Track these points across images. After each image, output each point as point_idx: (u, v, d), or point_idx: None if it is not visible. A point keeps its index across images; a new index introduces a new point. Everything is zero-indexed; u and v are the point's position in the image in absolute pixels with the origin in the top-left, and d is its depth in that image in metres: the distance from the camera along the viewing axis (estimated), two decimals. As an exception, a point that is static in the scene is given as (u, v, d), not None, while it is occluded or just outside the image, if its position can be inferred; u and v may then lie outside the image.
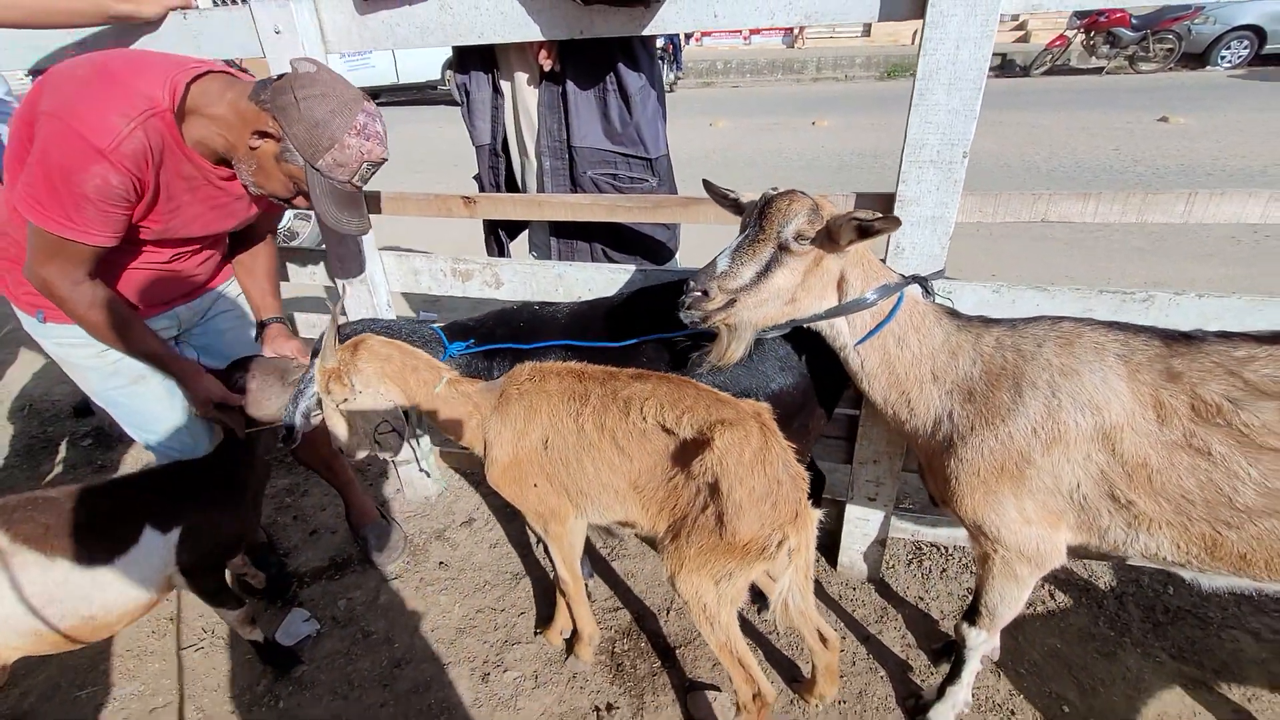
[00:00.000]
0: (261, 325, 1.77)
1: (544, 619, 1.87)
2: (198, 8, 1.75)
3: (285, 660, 1.78)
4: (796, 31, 14.11)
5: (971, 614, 1.39)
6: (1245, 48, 10.76)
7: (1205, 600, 1.81)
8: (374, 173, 1.44)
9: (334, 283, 2.00)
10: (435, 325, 1.62)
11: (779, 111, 9.29)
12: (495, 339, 1.58)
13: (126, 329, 1.43)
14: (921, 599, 1.88)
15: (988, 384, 1.17)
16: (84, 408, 3.09)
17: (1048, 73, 11.69)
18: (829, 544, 1.98)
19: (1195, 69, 10.92)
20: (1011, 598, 1.29)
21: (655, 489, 1.31)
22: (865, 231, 1.13)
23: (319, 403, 1.46)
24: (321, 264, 2.10)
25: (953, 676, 1.47)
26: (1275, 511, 1.03)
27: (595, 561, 2.05)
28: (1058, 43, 11.57)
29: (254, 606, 1.77)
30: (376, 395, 1.40)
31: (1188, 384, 1.06)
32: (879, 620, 1.83)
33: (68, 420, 3.11)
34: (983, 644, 1.40)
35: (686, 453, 1.24)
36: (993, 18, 1.19)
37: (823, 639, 1.49)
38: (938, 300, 1.35)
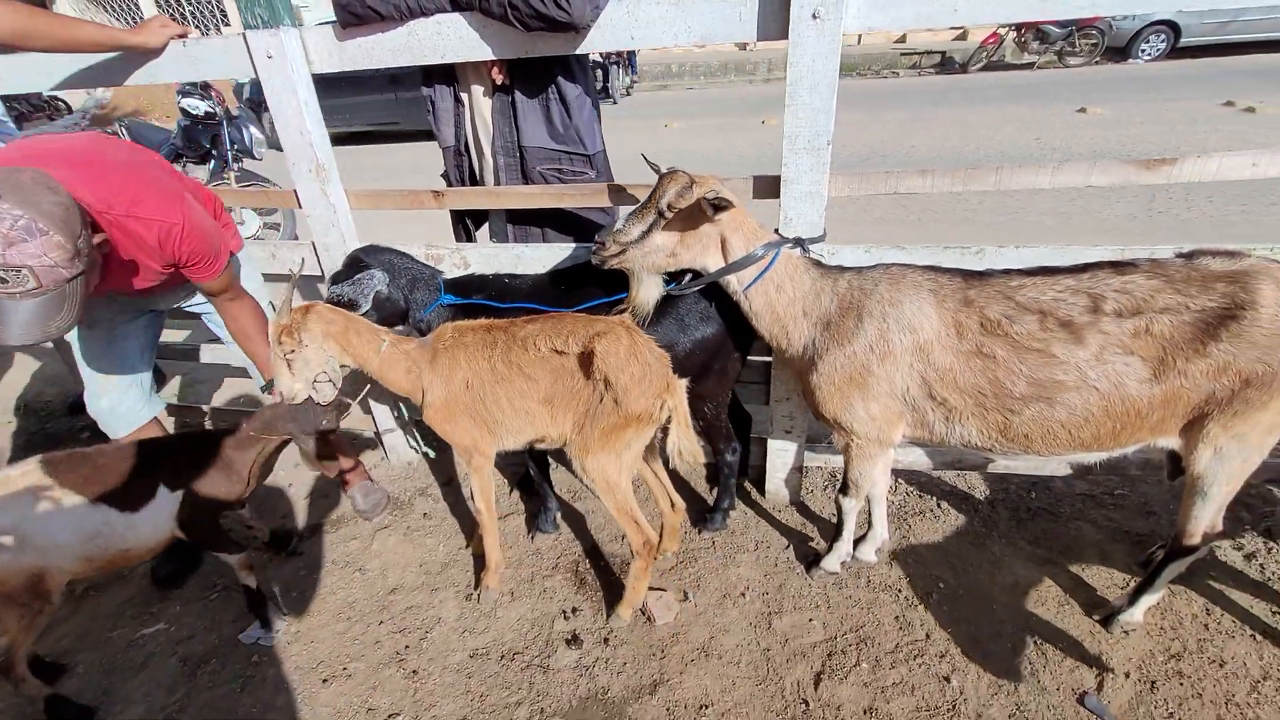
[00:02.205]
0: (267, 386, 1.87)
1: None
2: (196, 35, 2.04)
3: (265, 613, 1.98)
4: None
5: (843, 488, 1.81)
6: (1163, 41, 11.54)
7: (1059, 500, 2.22)
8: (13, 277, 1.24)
9: (321, 271, 2.30)
10: (441, 278, 2.01)
11: (731, 112, 9.73)
12: (477, 296, 1.96)
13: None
14: (833, 515, 2.25)
15: (840, 315, 1.54)
16: (78, 405, 3.31)
17: (984, 69, 12.36)
18: (758, 476, 2.35)
19: (1118, 62, 11.67)
20: (867, 473, 1.69)
21: (561, 398, 1.69)
22: (716, 207, 1.50)
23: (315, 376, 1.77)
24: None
25: (836, 535, 1.92)
26: (1041, 398, 1.42)
27: (560, 503, 2.38)
28: (991, 40, 12.24)
29: (254, 556, 1.97)
30: (319, 350, 1.73)
31: (978, 307, 1.44)
32: (800, 530, 2.20)
33: (64, 418, 3.33)
34: (852, 508, 1.82)
35: (579, 364, 1.63)
36: (837, 37, 1.56)
37: (672, 504, 1.96)
38: (811, 255, 1.72)
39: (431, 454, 2.35)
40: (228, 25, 12.96)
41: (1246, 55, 10.82)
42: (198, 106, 5.68)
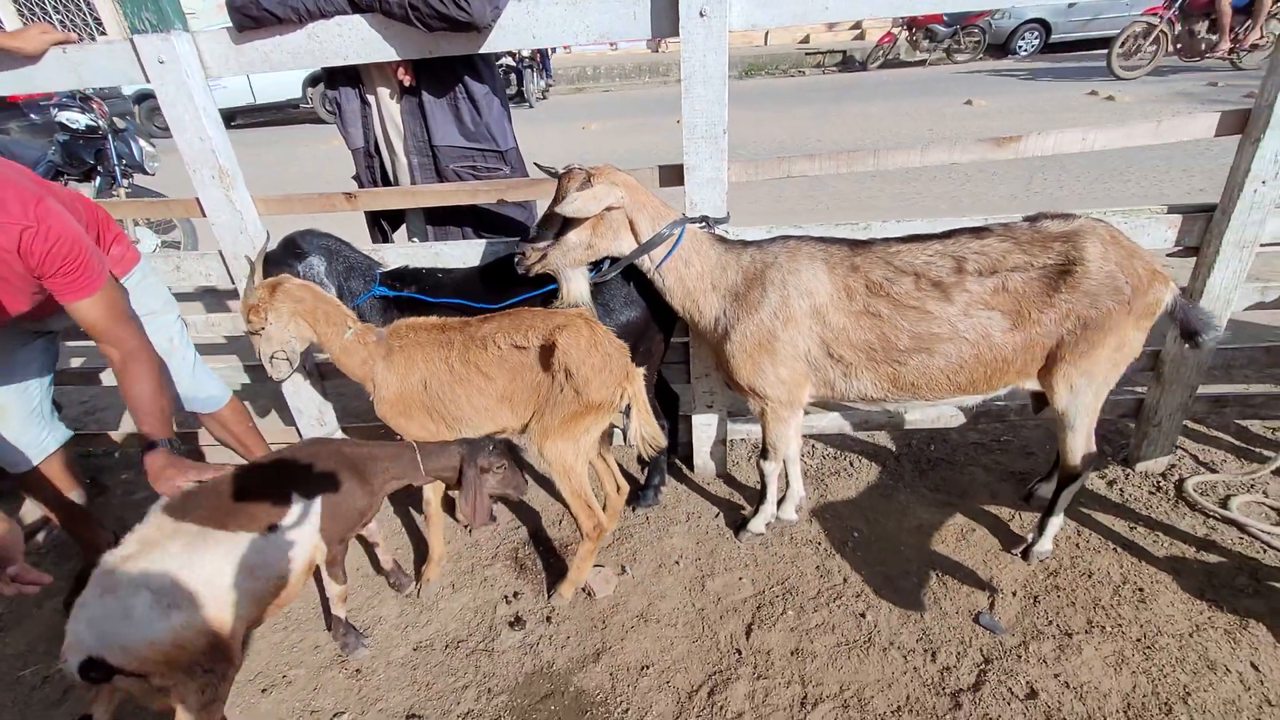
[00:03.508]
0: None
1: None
2: (79, 41, 1.96)
3: (349, 641, 1.87)
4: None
5: (763, 453, 1.95)
6: (1036, 38, 12.59)
7: (954, 450, 2.45)
8: None
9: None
10: (378, 270, 2.03)
11: (646, 112, 9.92)
12: (410, 289, 2.00)
13: None
14: (758, 483, 2.39)
15: (746, 286, 1.67)
16: None
17: (882, 66, 13.11)
18: (687, 453, 2.47)
19: (999, 58, 12.64)
20: (782, 435, 1.83)
21: (521, 392, 1.74)
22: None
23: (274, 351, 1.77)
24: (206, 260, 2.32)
25: (760, 499, 2.07)
26: (921, 349, 1.59)
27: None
28: (886, 39, 13.01)
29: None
30: (284, 328, 1.73)
31: (863, 272, 1.60)
32: (728, 500, 2.33)
33: None
34: (773, 470, 1.96)
35: (540, 357, 1.69)
36: (724, 34, 1.69)
37: (618, 487, 2.08)
38: (715, 232, 1.84)
39: None
40: (103, 34, 12.08)
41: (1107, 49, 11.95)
42: (77, 120, 5.30)
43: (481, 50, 1.84)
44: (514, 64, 12.19)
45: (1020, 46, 12.51)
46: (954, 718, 1.58)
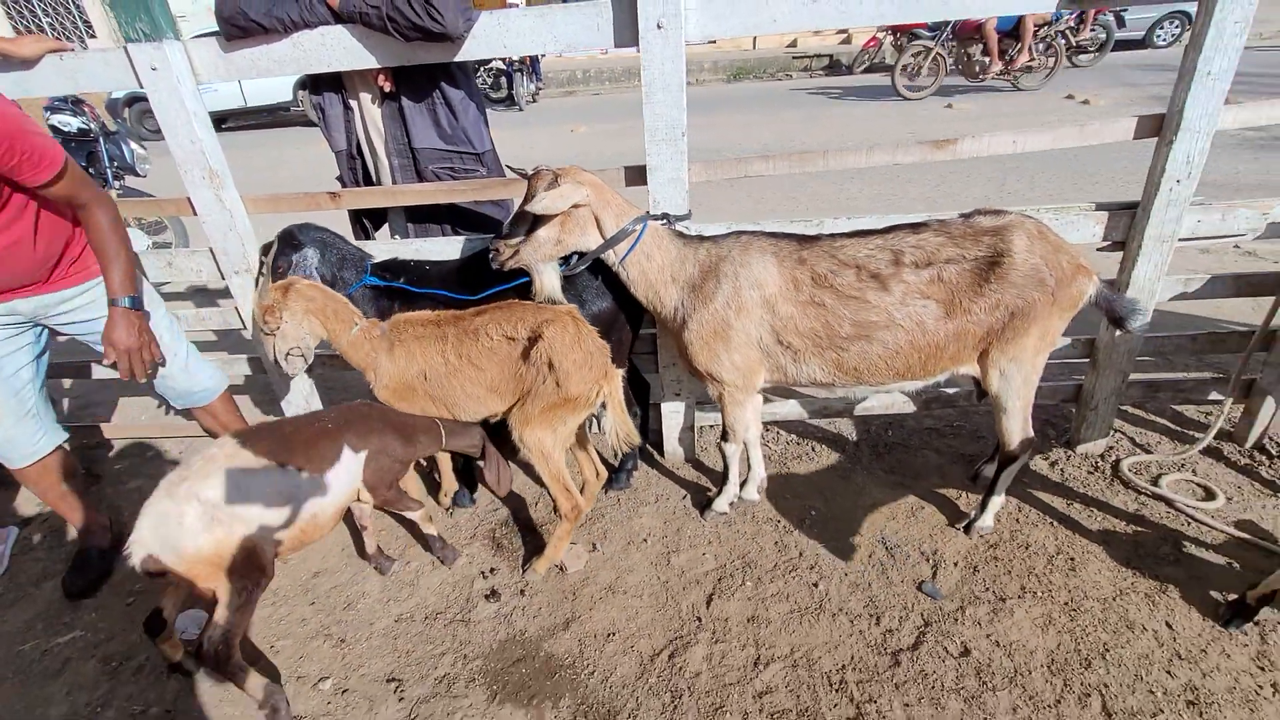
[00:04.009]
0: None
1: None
2: (74, 49, 2.07)
3: (444, 554, 2.15)
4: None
5: (724, 435, 2.09)
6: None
7: (910, 435, 2.59)
8: None
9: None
10: (369, 261, 2.16)
11: (634, 116, 9.99)
12: (399, 280, 2.14)
13: None
14: (722, 466, 2.52)
15: (702, 278, 1.80)
16: None
17: (867, 70, 13.32)
18: (657, 440, 2.60)
19: (982, 61, 12.84)
20: (740, 417, 1.97)
21: (507, 382, 1.88)
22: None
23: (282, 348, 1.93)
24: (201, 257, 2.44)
25: (724, 481, 2.19)
26: (862, 336, 1.73)
27: (476, 478, 2.54)
28: (871, 44, 13.18)
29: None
30: (298, 326, 1.88)
31: (810, 265, 1.73)
32: (695, 483, 2.46)
33: None
34: (734, 452, 2.09)
35: (526, 349, 1.82)
36: (681, 45, 1.82)
37: (597, 473, 2.19)
38: (674, 228, 1.97)
39: None
40: (93, 37, 12.13)
41: (1085, 54, 12.15)
42: (69, 123, 5.39)
43: (456, 59, 1.96)
44: (504, 68, 12.31)
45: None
46: (893, 674, 1.71)
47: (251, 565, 1.64)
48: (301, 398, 2.63)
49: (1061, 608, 1.84)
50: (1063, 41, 9.43)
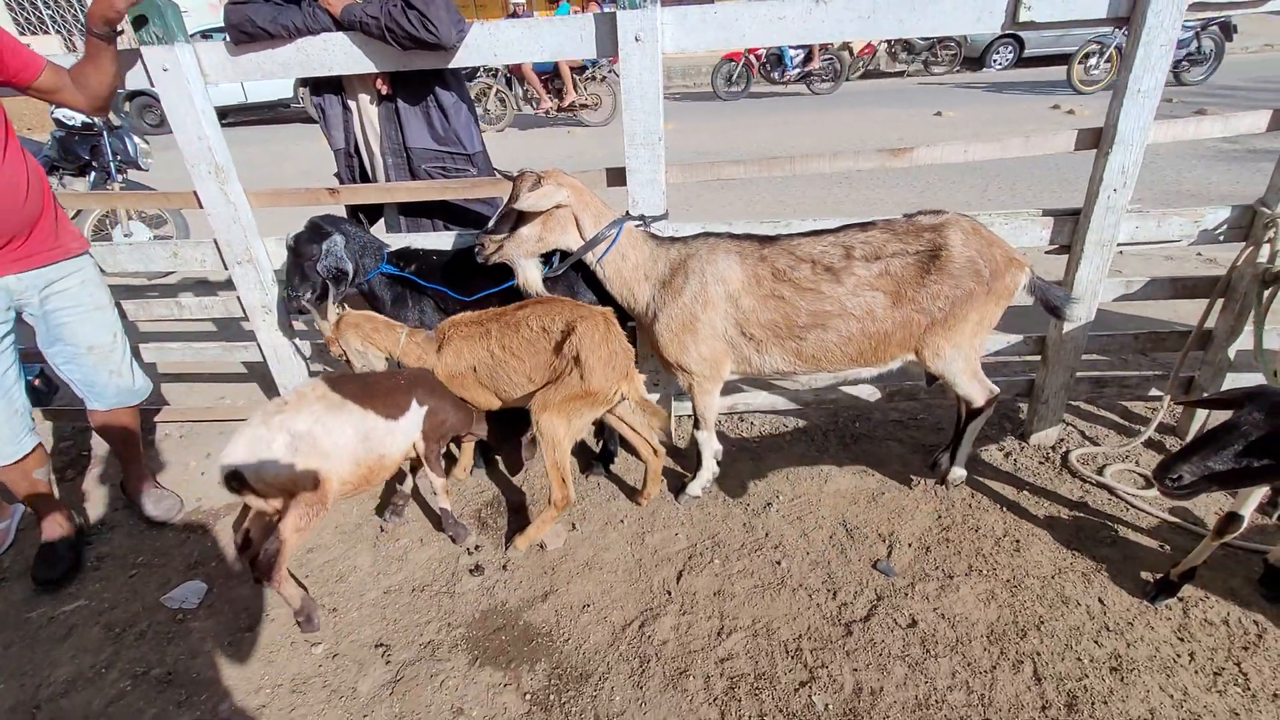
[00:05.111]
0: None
1: (420, 514, 2.47)
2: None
3: (456, 533, 2.27)
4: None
5: (695, 423, 2.22)
6: (1010, 51, 13.01)
7: (876, 426, 2.73)
8: None
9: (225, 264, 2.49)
10: (385, 250, 2.33)
11: (692, 117, 10.21)
12: (410, 269, 2.29)
13: None
14: (697, 453, 2.66)
15: (671, 275, 1.94)
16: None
17: (863, 76, 13.51)
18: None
19: (975, 70, 13.04)
20: (709, 405, 2.11)
21: (542, 371, 2.04)
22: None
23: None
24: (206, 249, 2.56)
25: (698, 465, 2.33)
26: (817, 325, 1.87)
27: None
28: (867, 50, 13.38)
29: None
30: (355, 350, 2.17)
31: (770, 261, 1.88)
32: (672, 469, 2.59)
33: None
34: (706, 438, 2.23)
35: (559, 342, 1.98)
36: (657, 56, 1.96)
37: (653, 450, 2.30)
38: (648, 230, 2.11)
39: None
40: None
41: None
42: (73, 117, 5.50)
43: (450, 65, 2.10)
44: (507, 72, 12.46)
45: (994, 60, 12.92)
46: (844, 643, 1.85)
47: (316, 496, 1.87)
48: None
49: (1004, 584, 1.98)
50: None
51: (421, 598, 2.11)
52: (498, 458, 2.66)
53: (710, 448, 2.30)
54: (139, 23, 2.03)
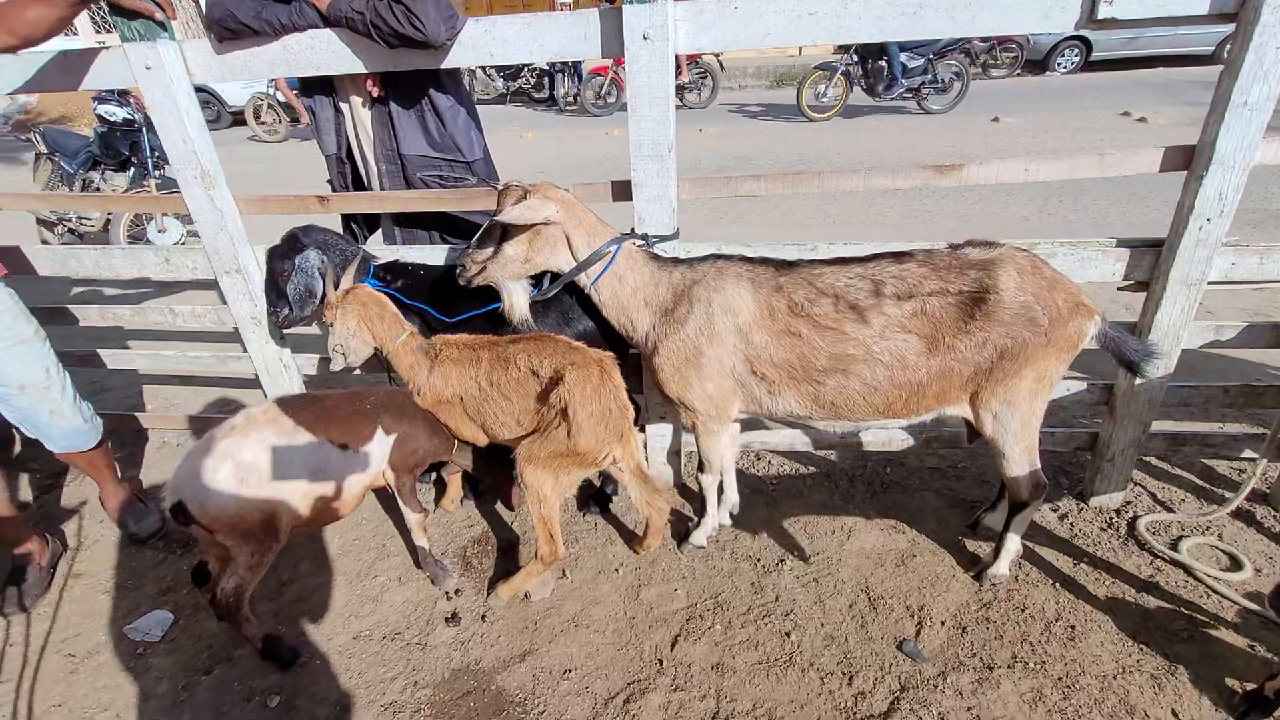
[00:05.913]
0: None
1: (401, 549, 2.29)
2: (77, 32, 2.09)
3: (435, 571, 2.09)
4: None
5: (700, 466, 1.99)
6: (1076, 55, 12.29)
7: (910, 474, 2.43)
8: None
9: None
10: (373, 263, 2.17)
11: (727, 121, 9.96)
12: (395, 285, 2.13)
13: None
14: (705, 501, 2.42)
15: (675, 302, 1.71)
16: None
17: (913, 78, 12.96)
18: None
19: (1037, 74, 12.36)
20: (714, 447, 1.87)
21: (530, 416, 1.82)
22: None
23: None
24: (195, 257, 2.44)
25: (702, 512, 2.09)
26: (838, 370, 1.61)
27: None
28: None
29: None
30: (345, 326, 1.93)
31: (786, 292, 1.62)
32: (678, 510, 2.35)
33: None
34: (711, 483, 2.00)
35: (547, 388, 1.74)
36: (668, 57, 1.73)
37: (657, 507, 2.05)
38: (649, 250, 1.88)
39: None
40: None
41: (1151, 69, 11.59)
42: (115, 113, 5.60)
43: (443, 65, 1.91)
44: (546, 68, 12.41)
45: (1059, 64, 12.22)
46: (859, 742, 1.58)
47: (267, 530, 1.71)
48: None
49: (1054, 683, 1.68)
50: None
51: (391, 647, 1.93)
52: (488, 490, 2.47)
53: (714, 495, 2.05)
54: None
